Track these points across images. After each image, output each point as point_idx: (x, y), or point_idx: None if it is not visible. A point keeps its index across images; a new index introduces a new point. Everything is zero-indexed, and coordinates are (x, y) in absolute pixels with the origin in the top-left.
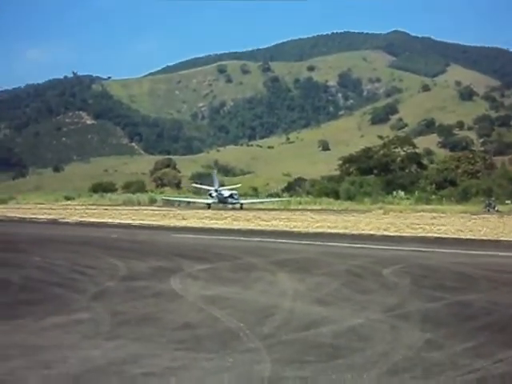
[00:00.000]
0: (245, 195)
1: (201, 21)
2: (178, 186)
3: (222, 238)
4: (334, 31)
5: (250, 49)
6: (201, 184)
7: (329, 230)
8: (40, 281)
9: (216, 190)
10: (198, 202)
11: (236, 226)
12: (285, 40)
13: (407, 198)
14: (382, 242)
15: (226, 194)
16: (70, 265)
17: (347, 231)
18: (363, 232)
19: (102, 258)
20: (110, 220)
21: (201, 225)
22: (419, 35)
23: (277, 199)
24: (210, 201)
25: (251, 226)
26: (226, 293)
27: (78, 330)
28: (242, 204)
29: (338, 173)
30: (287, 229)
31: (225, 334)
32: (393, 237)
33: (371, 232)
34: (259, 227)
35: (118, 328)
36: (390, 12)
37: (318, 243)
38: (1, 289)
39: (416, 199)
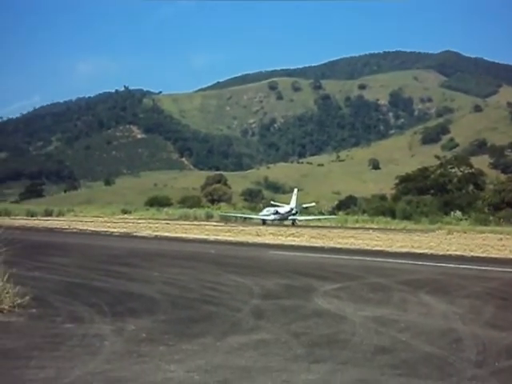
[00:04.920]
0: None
1: (252, 37)
2: (228, 201)
3: (320, 255)
4: (386, 50)
5: (302, 66)
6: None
7: (414, 250)
8: (182, 297)
9: (291, 209)
10: (255, 218)
11: (316, 243)
12: (336, 58)
13: (465, 219)
14: (484, 264)
15: (294, 211)
16: (194, 281)
17: (434, 251)
18: (450, 252)
19: (221, 274)
20: (184, 235)
21: (279, 241)
22: (471, 55)
23: (332, 216)
24: (270, 217)
25: (331, 244)
26: (387, 314)
27: (273, 352)
28: (294, 220)
29: (388, 191)
30: (370, 248)
31: (432, 360)
32: (485, 258)
33: (457, 252)
34: (340, 245)
35: (313, 350)
36: (442, 32)
37: (421, 263)
38: (153, 305)
39: (474, 220)
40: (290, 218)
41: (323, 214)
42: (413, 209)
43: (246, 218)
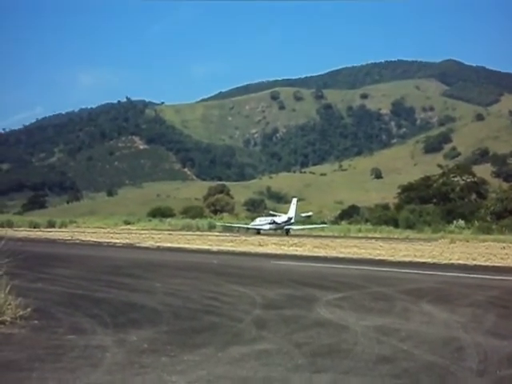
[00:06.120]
0: (296, 222)
1: (254, 47)
2: (231, 211)
3: (322, 265)
4: (388, 59)
5: (304, 76)
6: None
7: (417, 259)
8: (184, 308)
9: (289, 218)
10: (257, 229)
11: (318, 253)
12: (338, 67)
13: (467, 228)
14: (486, 272)
15: (292, 221)
16: (197, 291)
17: (436, 260)
18: (453, 261)
19: (224, 284)
20: (186, 245)
21: (281, 251)
22: (473, 64)
23: (325, 225)
24: (265, 227)
25: (334, 253)
26: (389, 324)
27: (275, 362)
28: (288, 230)
29: (391, 201)
30: (372, 257)
31: (434, 368)
32: (488, 267)
33: (460, 261)
34: (343, 255)
35: (315, 360)
36: (444, 41)
37: (423, 272)
38: (156, 316)
39: (477, 229)
40: (285, 227)
41: (326, 224)
42: (415, 218)
43: (248, 229)
